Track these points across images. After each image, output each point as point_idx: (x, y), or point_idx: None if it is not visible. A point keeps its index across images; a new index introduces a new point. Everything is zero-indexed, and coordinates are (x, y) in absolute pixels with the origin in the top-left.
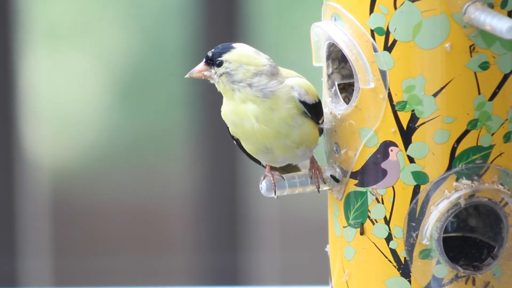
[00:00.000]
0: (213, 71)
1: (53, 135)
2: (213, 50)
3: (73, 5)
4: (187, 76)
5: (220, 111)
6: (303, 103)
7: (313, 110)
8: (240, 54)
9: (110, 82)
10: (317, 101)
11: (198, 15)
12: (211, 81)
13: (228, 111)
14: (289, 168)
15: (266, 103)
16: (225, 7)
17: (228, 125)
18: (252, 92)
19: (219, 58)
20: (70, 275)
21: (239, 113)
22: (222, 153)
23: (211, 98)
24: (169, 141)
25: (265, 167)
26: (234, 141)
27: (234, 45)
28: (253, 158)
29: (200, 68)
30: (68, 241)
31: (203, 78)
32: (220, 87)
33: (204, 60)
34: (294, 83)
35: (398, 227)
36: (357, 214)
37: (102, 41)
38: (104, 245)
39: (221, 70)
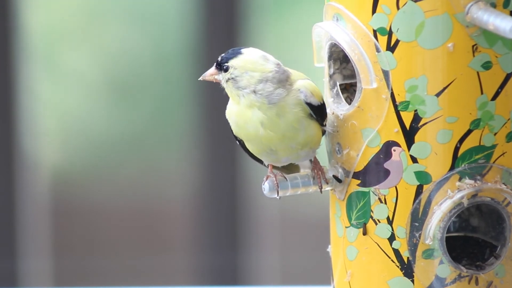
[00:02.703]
0: (221, 75)
1: (52, 135)
2: (223, 54)
3: (72, 6)
4: (200, 78)
5: (222, 111)
6: (309, 105)
7: (318, 112)
8: (246, 60)
9: (110, 82)
10: (321, 102)
11: (198, 15)
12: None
13: (232, 112)
14: (291, 168)
15: (273, 109)
16: (225, 7)
17: (231, 125)
18: (256, 99)
19: (226, 64)
20: (70, 275)
21: (243, 116)
22: (222, 153)
23: (211, 98)
24: (169, 141)
25: (267, 166)
26: (237, 142)
27: (243, 50)
28: (255, 157)
29: (211, 72)
30: (68, 241)
31: (214, 81)
32: (227, 91)
33: (215, 64)
34: (300, 85)
35: (401, 227)
36: (360, 214)
37: (101, 42)
38: (104, 245)
39: (227, 75)
